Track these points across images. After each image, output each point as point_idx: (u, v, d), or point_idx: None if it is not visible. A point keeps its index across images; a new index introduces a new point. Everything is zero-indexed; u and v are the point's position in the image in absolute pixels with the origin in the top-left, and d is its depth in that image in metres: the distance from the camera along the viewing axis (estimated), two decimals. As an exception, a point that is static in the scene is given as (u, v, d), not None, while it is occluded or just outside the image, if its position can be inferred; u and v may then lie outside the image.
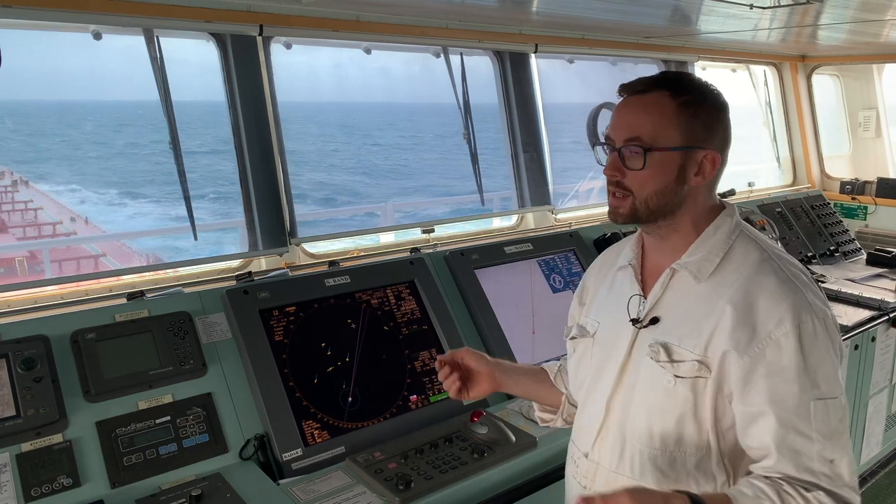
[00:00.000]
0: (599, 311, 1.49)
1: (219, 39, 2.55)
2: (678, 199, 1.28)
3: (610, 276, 1.50)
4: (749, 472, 1.24)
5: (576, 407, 1.55)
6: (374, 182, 33.50)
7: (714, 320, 1.23)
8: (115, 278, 2.49)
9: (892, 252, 3.95)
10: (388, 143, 47.94)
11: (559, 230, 3.23)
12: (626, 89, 1.31)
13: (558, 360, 1.69)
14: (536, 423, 1.75)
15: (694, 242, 1.31)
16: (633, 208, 1.28)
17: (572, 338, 1.53)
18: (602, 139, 1.33)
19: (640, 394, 1.32)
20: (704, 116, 1.27)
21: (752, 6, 2.52)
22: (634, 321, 1.34)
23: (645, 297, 1.36)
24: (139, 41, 2.39)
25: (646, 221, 1.31)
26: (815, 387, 1.16)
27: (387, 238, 3.31)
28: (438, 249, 2.79)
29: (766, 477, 1.17)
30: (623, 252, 1.48)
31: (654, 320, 1.32)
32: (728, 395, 1.23)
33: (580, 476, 1.44)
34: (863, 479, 3.62)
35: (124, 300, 2.14)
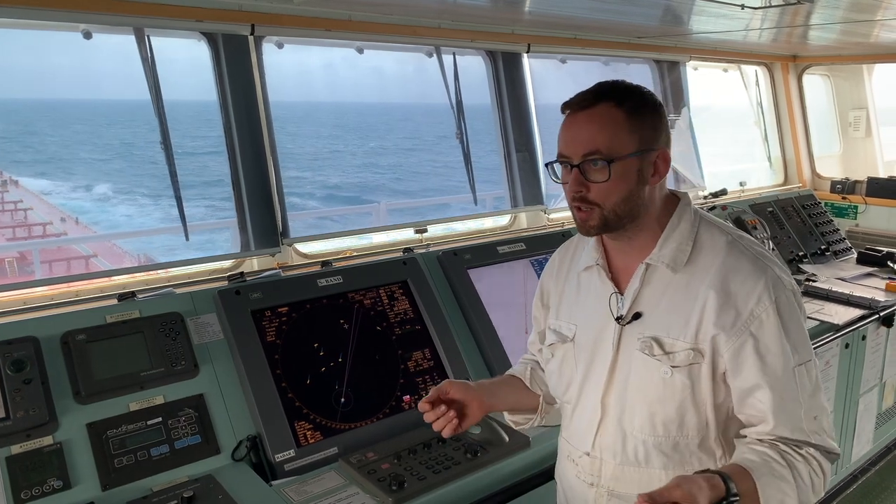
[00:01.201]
0: (572, 313, 1.50)
1: (210, 39, 2.54)
2: (641, 202, 1.33)
3: (573, 278, 1.52)
4: (740, 437, 1.33)
5: (552, 404, 1.60)
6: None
7: (699, 307, 1.30)
8: (106, 279, 2.48)
9: (883, 251, 3.98)
10: (392, 146, 47.62)
11: (552, 230, 3.23)
12: (570, 106, 1.33)
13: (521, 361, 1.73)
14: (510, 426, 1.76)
15: (661, 236, 1.36)
16: (603, 218, 1.32)
17: (550, 344, 1.54)
18: (556, 159, 1.35)
19: (636, 388, 1.35)
20: (650, 119, 1.32)
21: (743, 6, 2.53)
22: (619, 319, 1.37)
23: (621, 294, 1.39)
24: (130, 40, 2.38)
25: (615, 229, 1.35)
26: (795, 353, 1.28)
27: (379, 238, 3.30)
28: (431, 249, 2.79)
29: (760, 440, 1.28)
30: (583, 253, 1.50)
31: (637, 315, 1.36)
32: (722, 374, 1.31)
33: (584, 474, 1.45)
34: (854, 477, 3.65)
35: (115, 301, 2.12)
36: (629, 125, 1.29)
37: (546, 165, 1.40)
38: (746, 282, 1.28)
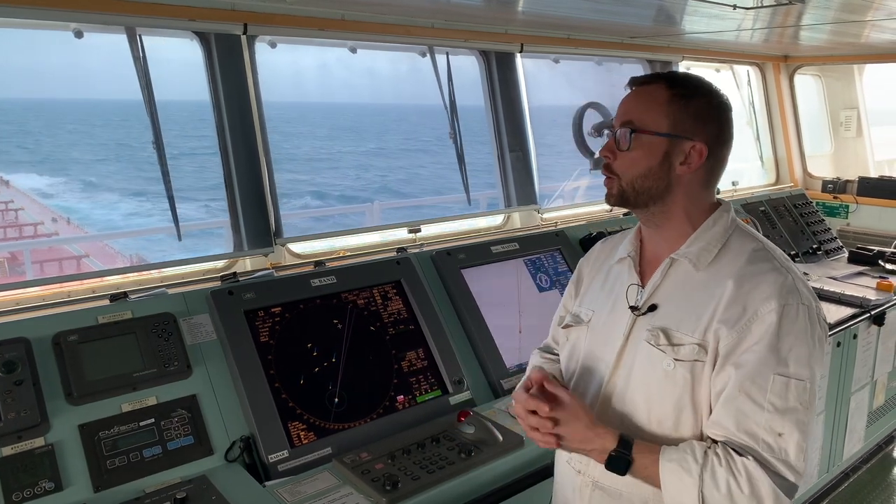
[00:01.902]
0: (594, 300, 1.52)
1: (203, 38, 2.53)
2: (664, 184, 1.34)
3: (605, 269, 1.55)
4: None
5: None
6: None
7: (713, 305, 1.30)
8: (98, 279, 2.46)
9: (873, 250, 4.00)
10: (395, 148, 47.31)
11: (545, 230, 3.24)
12: (631, 82, 1.40)
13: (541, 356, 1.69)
14: None
15: (692, 234, 1.38)
16: (621, 189, 1.36)
17: (566, 326, 1.55)
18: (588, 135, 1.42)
19: (638, 380, 1.35)
20: (695, 109, 1.33)
21: (735, 6, 2.54)
22: (633, 308, 1.39)
23: (643, 287, 1.41)
24: (122, 39, 2.37)
25: (634, 205, 1.38)
26: (782, 364, 1.22)
27: (373, 238, 3.30)
28: (425, 249, 2.79)
29: (703, 440, 1.27)
30: (621, 246, 1.53)
31: (652, 308, 1.37)
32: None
33: (574, 460, 1.46)
34: (845, 475, 3.67)
35: (107, 301, 2.11)
36: (668, 107, 1.32)
37: (579, 145, 1.47)
38: (761, 284, 1.27)
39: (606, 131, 1.46)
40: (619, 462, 1.26)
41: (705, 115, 1.33)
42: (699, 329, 1.29)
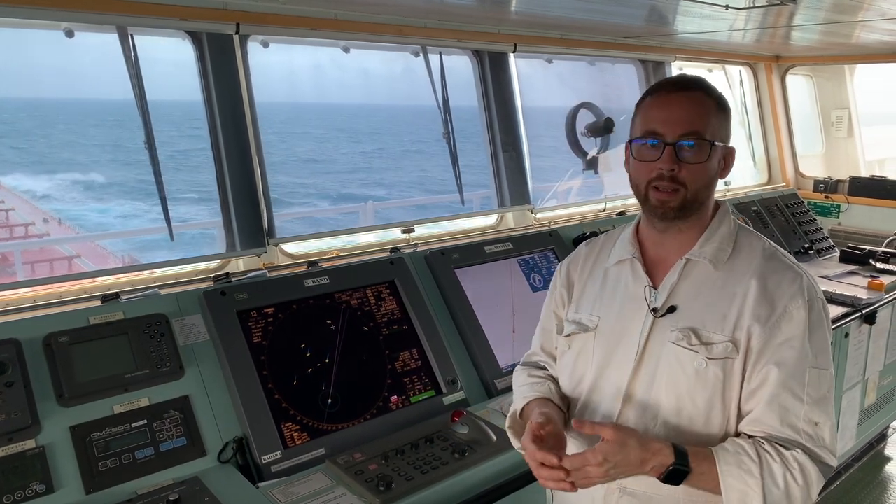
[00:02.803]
0: (596, 305, 1.49)
1: (195, 38, 2.52)
2: (713, 192, 1.40)
3: (598, 273, 1.52)
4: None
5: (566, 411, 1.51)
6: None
7: (738, 303, 1.32)
8: (90, 280, 2.45)
9: (865, 249, 4.02)
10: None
11: (538, 229, 3.24)
12: (663, 87, 1.37)
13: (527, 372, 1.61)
14: None
15: (703, 235, 1.40)
16: (685, 201, 1.34)
17: (568, 335, 1.51)
18: (641, 137, 1.35)
19: (665, 380, 1.35)
20: (728, 116, 1.39)
21: (727, 7, 2.55)
22: (654, 310, 1.38)
23: (655, 288, 1.40)
24: (113, 39, 2.36)
25: (689, 215, 1.38)
26: (814, 356, 1.29)
27: (366, 238, 3.30)
28: (418, 249, 2.79)
29: (750, 436, 1.29)
30: (615, 248, 1.51)
31: (672, 309, 1.37)
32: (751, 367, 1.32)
33: None
34: (837, 473, 3.69)
35: (99, 302, 2.10)
36: (720, 116, 1.35)
37: (629, 142, 1.39)
38: (783, 282, 1.32)
39: (650, 140, 1.38)
40: (677, 475, 1.23)
41: (730, 122, 1.40)
42: (728, 327, 1.32)
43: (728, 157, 1.40)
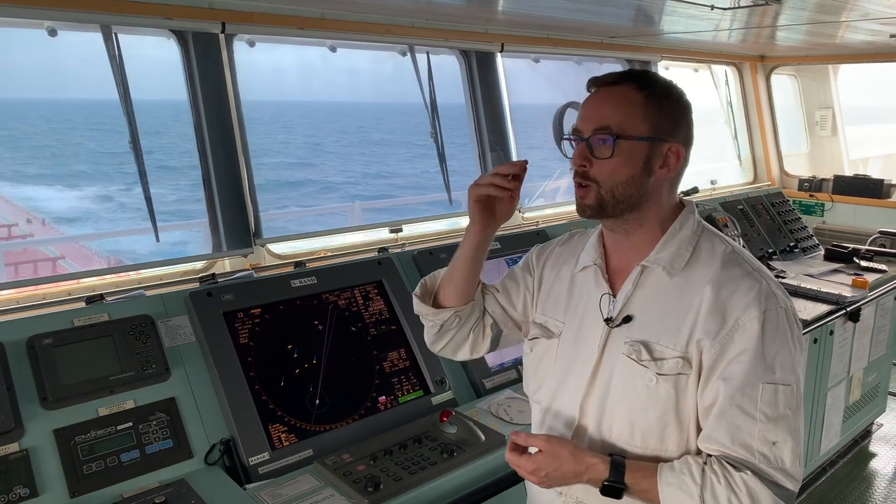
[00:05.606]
0: (561, 311, 1.46)
1: (180, 37, 2.50)
2: (643, 191, 1.29)
3: (565, 277, 1.48)
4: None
5: (473, 314, 1.54)
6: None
7: (693, 315, 1.25)
8: (74, 281, 2.43)
9: (849, 247, 4.07)
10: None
11: (526, 228, 3.25)
12: (594, 82, 1.32)
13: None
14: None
15: (661, 239, 1.32)
16: (600, 198, 1.28)
17: (532, 338, 1.50)
18: (569, 135, 1.34)
19: (618, 393, 1.30)
20: (669, 110, 1.29)
21: (713, 7, 2.57)
22: (608, 321, 1.33)
23: (614, 296, 1.35)
24: (97, 38, 2.33)
25: (612, 214, 1.31)
26: (769, 371, 1.19)
27: (354, 238, 3.28)
28: (406, 249, 2.78)
29: (699, 454, 1.23)
30: (582, 253, 1.46)
31: (627, 319, 1.31)
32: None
33: None
34: (822, 470, 3.73)
35: (83, 304, 2.08)
36: (645, 109, 1.26)
37: (560, 140, 1.37)
38: (738, 291, 1.23)
39: (572, 137, 1.37)
40: (613, 491, 1.22)
41: (678, 116, 1.30)
42: (680, 341, 1.25)
43: (670, 153, 1.28)
